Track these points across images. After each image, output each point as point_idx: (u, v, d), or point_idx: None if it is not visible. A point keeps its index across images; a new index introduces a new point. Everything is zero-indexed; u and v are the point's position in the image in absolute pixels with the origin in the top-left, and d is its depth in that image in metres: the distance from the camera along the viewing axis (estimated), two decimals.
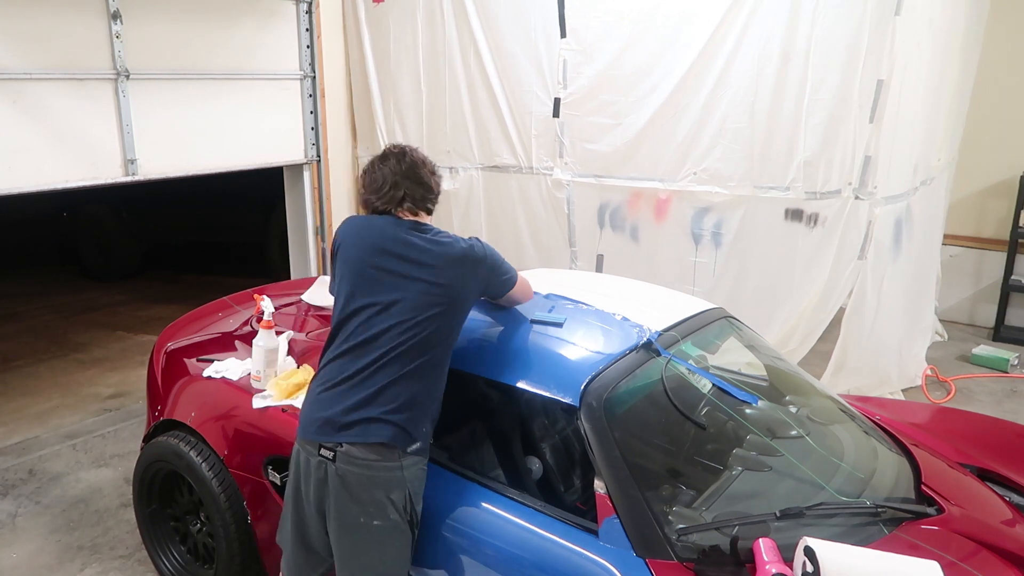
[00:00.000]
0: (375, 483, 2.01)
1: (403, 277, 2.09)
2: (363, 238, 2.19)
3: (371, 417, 2.01)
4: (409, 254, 2.12)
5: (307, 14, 5.30)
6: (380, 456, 2.00)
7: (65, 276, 7.73)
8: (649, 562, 1.88)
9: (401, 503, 2.03)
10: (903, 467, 2.39)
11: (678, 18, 4.45)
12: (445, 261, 2.12)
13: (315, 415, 2.07)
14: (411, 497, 2.05)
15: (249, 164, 5.12)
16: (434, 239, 2.17)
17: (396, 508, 2.02)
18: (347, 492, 2.01)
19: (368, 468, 2.00)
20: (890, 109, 4.08)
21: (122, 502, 3.57)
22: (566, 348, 2.33)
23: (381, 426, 2.00)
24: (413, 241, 2.14)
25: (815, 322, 4.54)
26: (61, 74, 4.04)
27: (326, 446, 2.02)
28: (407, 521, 2.05)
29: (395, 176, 2.21)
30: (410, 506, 2.05)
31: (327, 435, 2.03)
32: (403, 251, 2.12)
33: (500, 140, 5.30)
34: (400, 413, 2.02)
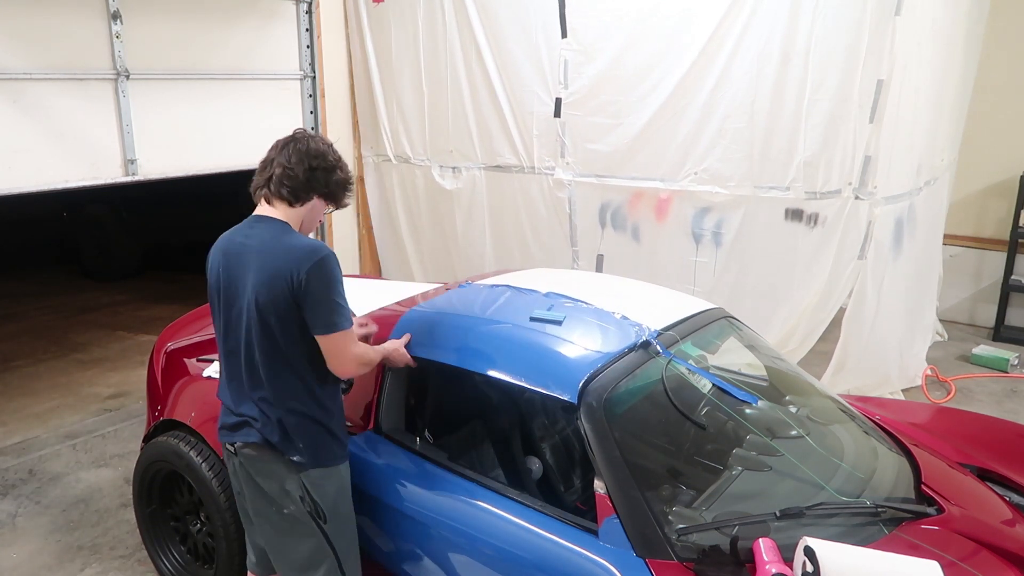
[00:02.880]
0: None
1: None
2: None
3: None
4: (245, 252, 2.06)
5: (307, 14, 5.30)
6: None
7: (65, 276, 7.72)
8: (649, 562, 1.88)
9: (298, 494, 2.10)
10: (903, 467, 2.38)
11: (678, 18, 4.45)
12: (260, 258, 2.03)
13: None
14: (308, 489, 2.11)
15: (249, 164, 5.05)
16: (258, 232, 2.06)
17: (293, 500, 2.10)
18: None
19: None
20: (890, 109, 4.08)
21: (122, 502, 3.57)
22: (565, 346, 2.32)
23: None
24: (244, 241, 2.07)
25: (815, 322, 4.54)
26: (61, 74, 4.04)
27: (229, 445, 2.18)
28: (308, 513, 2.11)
29: (272, 155, 2.11)
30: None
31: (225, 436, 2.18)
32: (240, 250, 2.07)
33: (502, 140, 5.31)
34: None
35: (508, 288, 2.70)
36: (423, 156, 5.78)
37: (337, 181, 2.12)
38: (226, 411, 2.18)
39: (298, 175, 2.04)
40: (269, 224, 2.06)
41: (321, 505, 2.11)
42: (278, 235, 2.03)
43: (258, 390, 2.08)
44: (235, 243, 2.08)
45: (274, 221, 2.07)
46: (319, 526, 2.11)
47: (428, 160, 5.75)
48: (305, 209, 2.10)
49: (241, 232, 2.10)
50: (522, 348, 2.33)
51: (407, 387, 2.47)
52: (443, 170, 5.68)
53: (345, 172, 2.15)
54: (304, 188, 2.06)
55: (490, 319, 2.46)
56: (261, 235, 2.04)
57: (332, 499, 2.13)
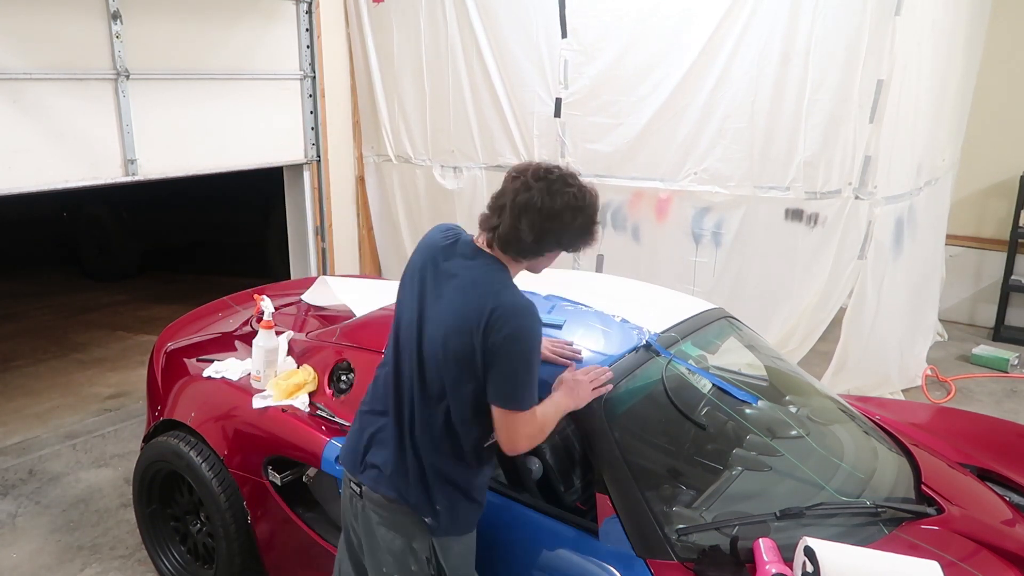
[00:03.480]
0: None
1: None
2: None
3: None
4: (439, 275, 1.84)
5: (307, 14, 5.30)
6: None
7: (65, 276, 7.72)
8: (649, 562, 1.88)
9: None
10: (903, 467, 2.38)
11: (678, 18, 4.45)
12: (461, 296, 1.78)
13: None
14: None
15: (249, 164, 5.12)
16: (475, 266, 1.81)
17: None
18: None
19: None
20: (890, 109, 4.08)
21: (122, 502, 3.57)
22: None
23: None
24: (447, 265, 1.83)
25: (815, 322, 4.54)
26: (61, 74, 4.04)
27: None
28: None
29: (505, 200, 1.78)
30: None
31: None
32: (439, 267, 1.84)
33: (503, 140, 5.31)
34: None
35: None
36: (424, 156, 5.78)
37: (574, 237, 1.81)
38: (359, 440, 1.95)
39: (526, 241, 1.77)
40: (487, 264, 1.82)
41: (447, 570, 1.91)
42: (494, 281, 1.78)
43: (407, 433, 1.87)
44: (444, 261, 1.84)
45: (494, 263, 1.82)
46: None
47: (429, 160, 5.76)
48: (532, 263, 1.87)
49: (457, 253, 1.85)
50: None
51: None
52: (444, 170, 5.68)
53: (588, 218, 1.80)
54: (532, 251, 1.81)
55: None
56: (474, 272, 1.80)
57: (456, 563, 1.93)
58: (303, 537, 2.51)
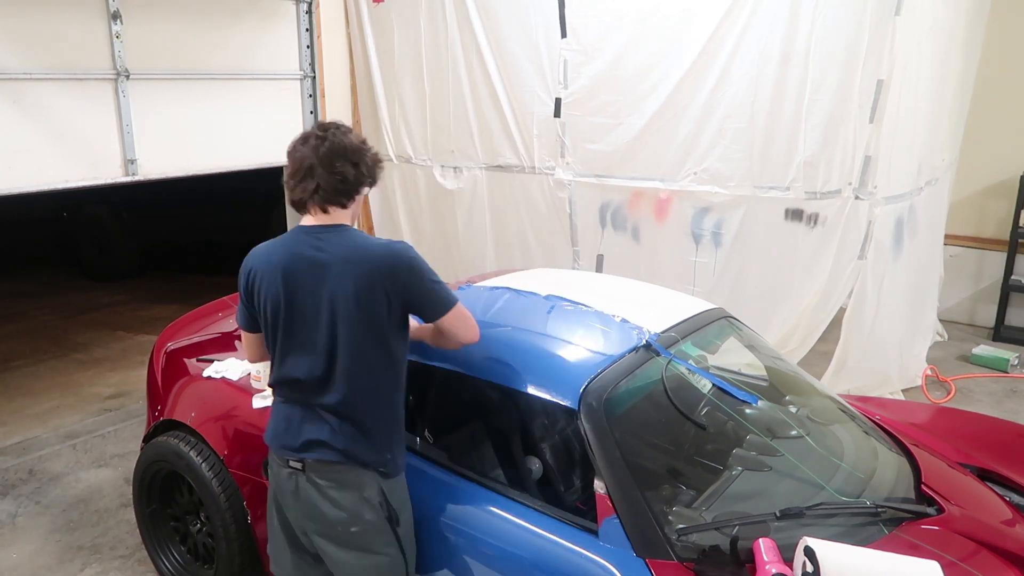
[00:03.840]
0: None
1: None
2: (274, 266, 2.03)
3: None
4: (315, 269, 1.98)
5: (307, 14, 5.30)
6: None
7: (65, 276, 7.72)
8: (649, 562, 1.88)
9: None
10: (903, 467, 2.38)
11: (678, 18, 4.45)
12: (349, 268, 1.95)
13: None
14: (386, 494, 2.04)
15: (249, 164, 5.12)
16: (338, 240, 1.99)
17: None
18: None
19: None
20: (890, 109, 4.08)
21: (122, 502, 3.57)
22: (566, 350, 2.32)
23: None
24: (315, 255, 1.98)
25: (815, 322, 4.54)
26: (61, 74, 4.04)
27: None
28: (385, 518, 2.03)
29: (310, 161, 1.99)
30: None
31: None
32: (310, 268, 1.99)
33: (503, 140, 5.31)
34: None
35: (508, 290, 2.70)
36: (424, 156, 5.78)
37: (373, 164, 2.09)
38: (287, 430, 2.06)
39: (348, 177, 2.00)
40: (339, 232, 2.01)
41: (396, 509, 2.04)
42: (358, 239, 2.00)
43: (339, 407, 1.99)
44: (303, 257, 1.98)
45: (340, 229, 2.02)
46: (394, 531, 2.04)
47: (430, 160, 5.76)
48: (355, 203, 2.09)
49: (307, 245, 1.99)
50: (522, 353, 2.33)
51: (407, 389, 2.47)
52: (444, 170, 5.68)
53: (375, 152, 2.12)
54: (355, 186, 2.04)
55: (490, 323, 2.45)
56: (338, 244, 1.97)
57: (401, 500, 2.08)
58: None
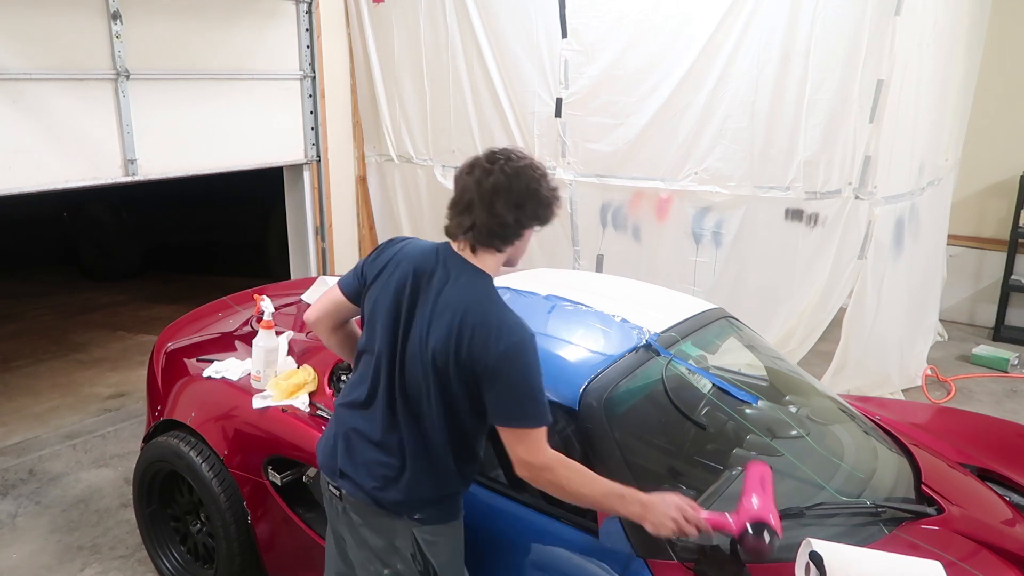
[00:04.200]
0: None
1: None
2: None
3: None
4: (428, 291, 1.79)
5: (307, 14, 5.30)
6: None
7: (65, 276, 7.72)
8: (649, 562, 1.88)
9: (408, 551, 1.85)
10: (903, 467, 2.38)
11: (679, 18, 4.45)
12: (450, 319, 1.71)
13: None
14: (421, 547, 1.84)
15: (249, 164, 5.12)
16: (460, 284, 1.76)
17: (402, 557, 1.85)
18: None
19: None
20: (890, 109, 4.08)
21: (122, 502, 3.57)
22: (565, 350, 2.32)
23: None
24: (440, 285, 1.78)
25: (815, 322, 4.54)
26: (61, 74, 4.04)
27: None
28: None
29: (470, 195, 1.75)
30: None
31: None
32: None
33: (503, 140, 5.30)
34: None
35: (508, 290, 2.70)
36: (425, 156, 5.78)
37: (546, 206, 1.78)
38: (332, 447, 1.93)
39: (508, 223, 1.74)
40: (472, 278, 1.78)
41: (434, 564, 1.84)
42: (481, 298, 1.75)
43: (391, 441, 1.82)
44: (431, 274, 1.80)
45: (478, 276, 1.78)
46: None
47: (430, 160, 5.76)
48: (513, 246, 1.82)
49: (442, 266, 1.81)
50: None
51: None
52: (446, 170, 5.68)
53: (551, 188, 1.80)
54: (515, 232, 1.78)
55: None
56: (460, 287, 1.76)
57: (443, 556, 1.86)
58: (303, 537, 2.51)
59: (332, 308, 2.03)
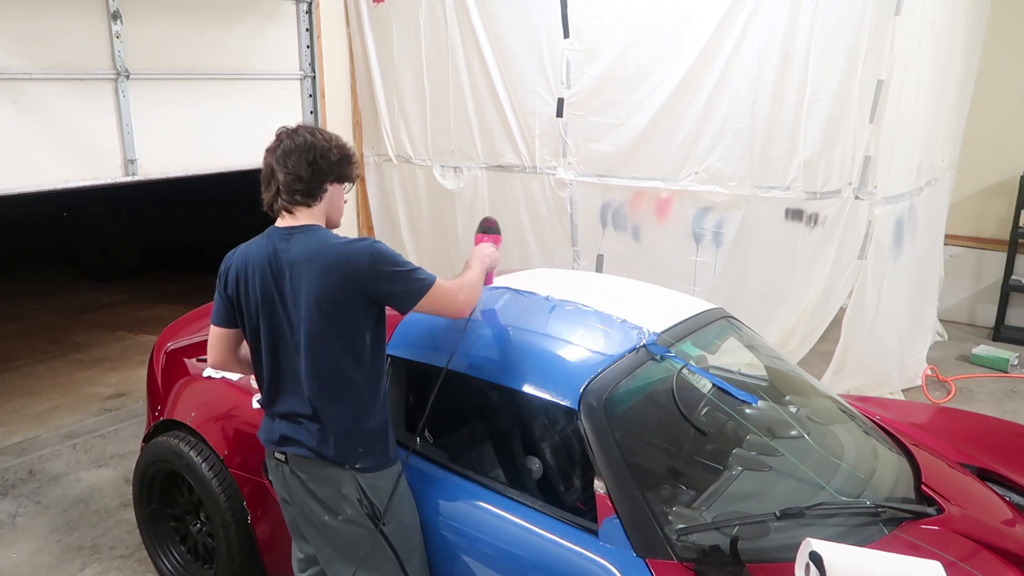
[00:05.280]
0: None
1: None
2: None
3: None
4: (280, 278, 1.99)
5: (307, 14, 5.31)
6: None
7: (65, 276, 7.72)
8: (649, 562, 1.88)
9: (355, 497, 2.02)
10: (903, 467, 2.38)
11: (679, 18, 4.45)
12: (310, 267, 1.94)
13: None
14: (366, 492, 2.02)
15: (249, 164, 5.11)
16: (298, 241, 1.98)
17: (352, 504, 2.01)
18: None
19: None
20: (890, 109, 4.08)
21: (122, 502, 3.57)
22: (565, 350, 2.32)
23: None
24: (281, 256, 1.99)
25: (815, 322, 4.54)
26: (61, 74, 4.04)
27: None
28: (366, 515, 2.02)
29: (270, 165, 2.02)
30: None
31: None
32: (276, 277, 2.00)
33: (504, 140, 5.31)
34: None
35: (507, 290, 2.70)
36: (424, 156, 5.78)
37: (338, 160, 2.04)
38: (268, 425, 2.11)
39: (302, 175, 1.98)
40: (305, 233, 1.99)
41: (379, 506, 2.01)
42: (321, 240, 1.97)
43: (306, 405, 2.01)
44: (272, 256, 1.99)
45: (307, 228, 2.00)
46: (379, 529, 2.01)
47: (430, 160, 5.76)
48: (324, 202, 2.04)
49: (274, 245, 2.00)
50: (522, 353, 2.32)
51: (406, 388, 2.47)
52: (444, 170, 5.68)
53: (342, 148, 2.07)
54: (315, 184, 2.01)
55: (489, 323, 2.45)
56: (302, 245, 1.97)
57: (388, 499, 2.03)
58: None
59: (221, 343, 2.17)
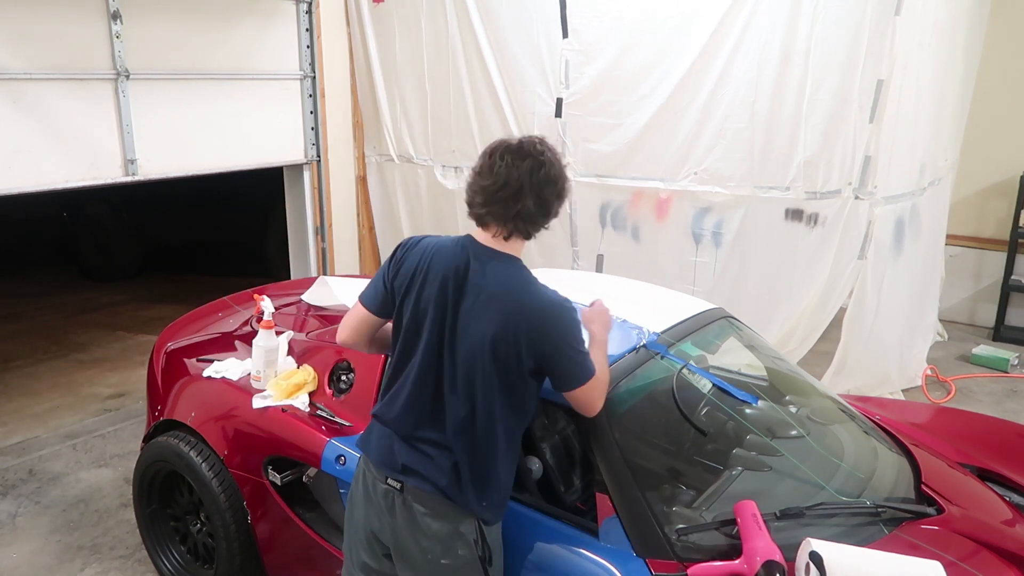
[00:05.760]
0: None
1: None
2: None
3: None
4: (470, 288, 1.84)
5: (307, 14, 5.30)
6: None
7: (65, 276, 7.72)
8: (649, 562, 1.88)
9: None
10: (903, 467, 2.38)
11: (679, 18, 4.45)
12: (503, 308, 1.78)
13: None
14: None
15: (249, 164, 5.12)
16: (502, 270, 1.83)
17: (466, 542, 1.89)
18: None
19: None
20: (890, 109, 4.08)
21: (122, 502, 3.57)
22: None
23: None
24: (475, 278, 1.84)
25: (815, 322, 4.54)
26: (61, 74, 4.04)
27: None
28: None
29: (521, 182, 1.79)
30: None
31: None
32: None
33: None
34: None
35: None
36: (426, 156, 5.78)
37: (564, 194, 1.91)
38: (387, 449, 1.93)
39: (551, 211, 1.86)
40: (504, 263, 1.85)
41: (491, 549, 1.91)
42: (520, 281, 1.83)
43: (442, 443, 1.87)
44: (461, 270, 1.84)
45: (508, 259, 1.86)
46: (484, 570, 1.89)
47: (431, 160, 5.76)
48: (534, 239, 1.92)
49: (468, 260, 1.85)
50: None
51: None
52: (445, 170, 5.68)
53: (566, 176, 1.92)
54: (548, 220, 1.89)
55: None
56: (499, 276, 1.82)
57: (497, 545, 1.95)
58: (303, 537, 2.51)
59: (362, 326, 2.04)
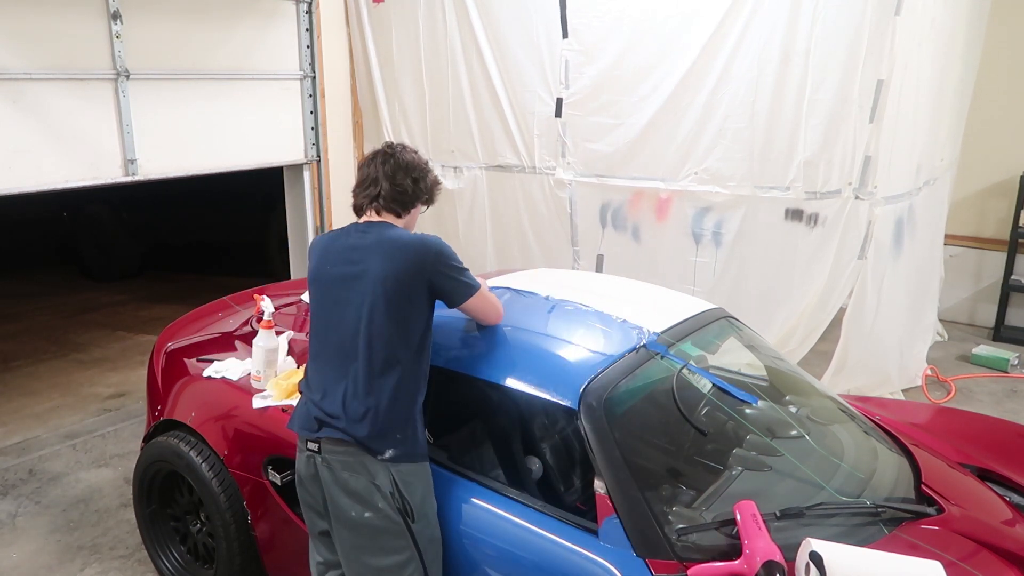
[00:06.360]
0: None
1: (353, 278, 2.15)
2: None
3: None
4: (352, 255, 2.17)
5: (307, 14, 5.31)
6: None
7: (65, 276, 7.73)
8: (649, 562, 1.88)
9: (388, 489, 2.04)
10: (903, 467, 2.38)
11: (679, 18, 4.45)
12: (383, 250, 2.12)
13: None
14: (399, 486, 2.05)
15: (249, 164, 5.12)
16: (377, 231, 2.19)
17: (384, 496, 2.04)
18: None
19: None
20: (890, 109, 4.08)
21: (122, 502, 3.57)
22: (566, 350, 2.32)
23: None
24: (356, 241, 2.19)
25: (815, 322, 4.54)
26: (61, 74, 4.04)
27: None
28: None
29: (376, 174, 2.26)
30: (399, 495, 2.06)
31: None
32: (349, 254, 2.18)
33: (503, 140, 5.31)
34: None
35: (508, 290, 2.70)
36: (425, 155, 5.75)
37: (432, 185, 2.33)
38: (308, 412, 2.14)
39: (407, 190, 2.24)
40: (381, 226, 2.20)
41: (410, 502, 2.05)
42: (395, 231, 2.18)
43: (353, 383, 2.07)
44: (348, 242, 2.18)
45: (384, 223, 2.22)
46: (407, 526, 2.04)
47: (430, 160, 5.74)
48: (409, 215, 2.29)
49: (354, 234, 2.20)
50: (522, 353, 2.33)
51: None
52: (445, 170, 5.68)
53: (434, 174, 2.36)
54: (411, 200, 2.27)
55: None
56: (379, 233, 2.16)
57: (419, 496, 2.07)
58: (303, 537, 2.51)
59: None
